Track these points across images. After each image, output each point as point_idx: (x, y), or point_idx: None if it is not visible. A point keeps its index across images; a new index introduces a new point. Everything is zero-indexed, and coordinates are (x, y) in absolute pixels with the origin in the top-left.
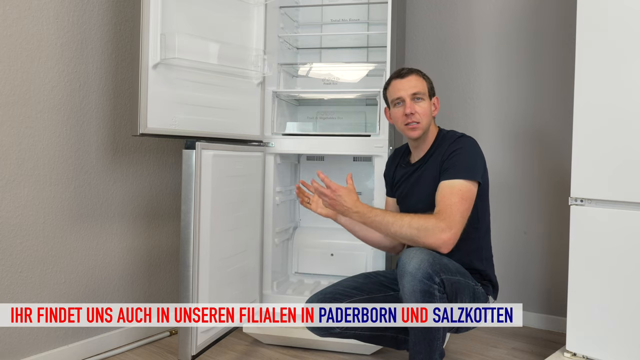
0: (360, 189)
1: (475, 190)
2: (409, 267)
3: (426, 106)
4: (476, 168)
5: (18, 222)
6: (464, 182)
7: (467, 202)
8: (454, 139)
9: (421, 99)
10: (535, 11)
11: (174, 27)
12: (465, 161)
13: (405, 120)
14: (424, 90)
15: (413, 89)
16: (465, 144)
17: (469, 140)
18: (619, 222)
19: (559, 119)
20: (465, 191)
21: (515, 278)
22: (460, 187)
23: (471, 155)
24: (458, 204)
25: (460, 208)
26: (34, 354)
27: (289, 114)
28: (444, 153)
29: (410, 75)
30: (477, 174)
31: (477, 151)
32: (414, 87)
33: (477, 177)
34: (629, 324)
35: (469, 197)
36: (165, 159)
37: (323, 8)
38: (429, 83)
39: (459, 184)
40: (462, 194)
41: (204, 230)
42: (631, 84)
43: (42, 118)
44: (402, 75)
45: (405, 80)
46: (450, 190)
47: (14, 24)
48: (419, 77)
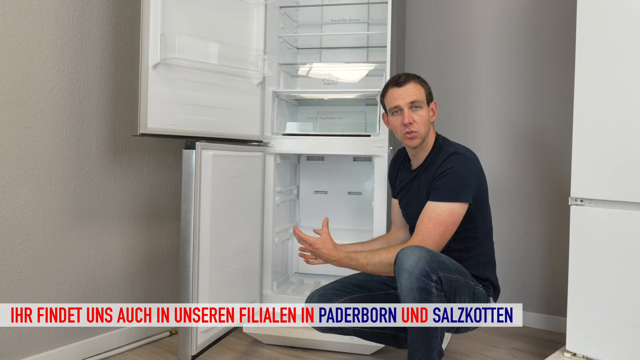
0: (360, 189)
1: (459, 211)
2: (406, 265)
3: (424, 114)
4: (464, 189)
5: (18, 222)
6: (445, 205)
7: (443, 226)
8: (446, 155)
9: (419, 107)
10: (535, 11)
11: (174, 27)
12: (452, 183)
13: (404, 130)
14: (422, 98)
15: (411, 98)
16: (455, 164)
17: (462, 159)
18: (619, 222)
19: (559, 119)
20: (445, 215)
21: (515, 278)
22: (439, 212)
23: (459, 176)
24: (432, 229)
25: (434, 233)
26: (34, 354)
27: (289, 114)
28: (436, 170)
29: (408, 84)
30: (463, 195)
31: (468, 171)
32: (412, 96)
33: (462, 199)
34: (629, 324)
35: (447, 221)
36: (165, 159)
37: (323, 8)
38: (426, 89)
39: (439, 208)
40: (440, 219)
41: (204, 230)
42: (631, 83)
43: (42, 118)
44: (400, 83)
45: (403, 88)
46: (429, 214)
47: (14, 24)
48: (417, 84)
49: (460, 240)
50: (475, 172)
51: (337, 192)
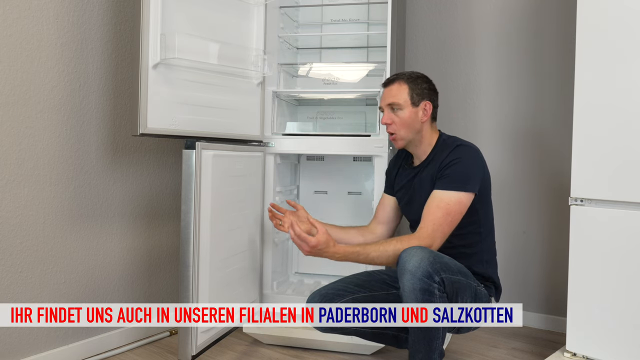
0: (360, 189)
1: (466, 201)
2: (409, 266)
3: (406, 116)
4: (471, 179)
5: (18, 222)
6: (454, 194)
7: (451, 216)
8: (452, 147)
9: (399, 108)
10: (535, 11)
11: (174, 27)
12: (460, 172)
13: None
14: (402, 99)
15: (391, 99)
16: (463, 154)
17: (468, 151)
18: (619, 222)
19: (559, 118)
20: (453, 204)
21: (515, 278)
22: (447, 201)
23: (467, 166)
24: (441, 219)
25: (443, 222)
26: (34, 354)
27: (289, 114)
28: (442, 161)
29: (393, 84)
30: (471, 185)
31: (474, 162)
32: (393, 97)
33: (470, 189)
34: (629, 324)
35: (455, 210)
36: (165, 159)
37: (323, 8)
38: (413, 89)
39: (447, 196)
40: (449, 208)
41: (204, 230)
42: (631, 83)
43: (42, 118)
44: (386, 83)
45: (387, 89)
46: (437, 203)
47: (14, 24)
48: (402, 84)
49: (463, 235)
50: (481, 163)
51: (337, 192)
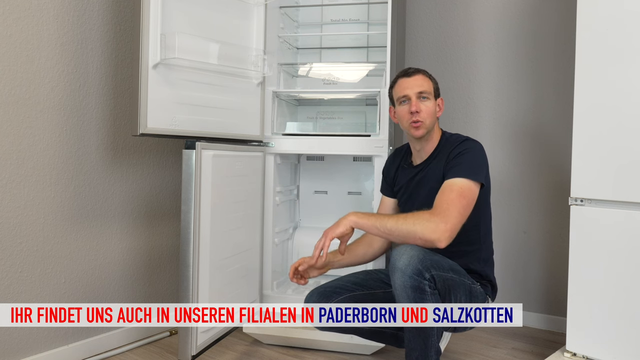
0: (360, 189)
1: (476, 191)
2: (399, 264)
3: (431, 106)
4: (480, 169)
5: (18, 222)
6: (465, 180)
7: (465, 199)
8: (459, 141)
9: (427, 98)
10: (535, 11)
11: (174, 27)
12: (470, 161)
13: (410, 119)
14: (429, 89)
15: (419, 88)
16: (471, 147)
17: (475, 144)
18: (618, 222)
19: (559, 118)
20: (466, 189)
21: (515, 278)
22: (460, 185)
23: (476, 157)
24: (455, 200)
25: (457, 204)
26: (34, 354)
27: (289, 114)
28: (449, 154)
29: (417, 75)
30: (481, 175)
31: (482, 155)
32: (420, 86)
33: (479, 179)
34: (629, 324)
35: (468, 195)
36: (165, 159)
37: (323, 8)
38: (434, 83)
39: (459, 182)
40: (462, 191)
41: (204, 230)
42: (630, 84)
43: (42, 118)
44: (409, 74)
45: (412, 79)
46: (450, 187)
47: (14, 24)
48: (426, 77)
49: (464, 232)
50: (486, 158)
51: (337, 192)
